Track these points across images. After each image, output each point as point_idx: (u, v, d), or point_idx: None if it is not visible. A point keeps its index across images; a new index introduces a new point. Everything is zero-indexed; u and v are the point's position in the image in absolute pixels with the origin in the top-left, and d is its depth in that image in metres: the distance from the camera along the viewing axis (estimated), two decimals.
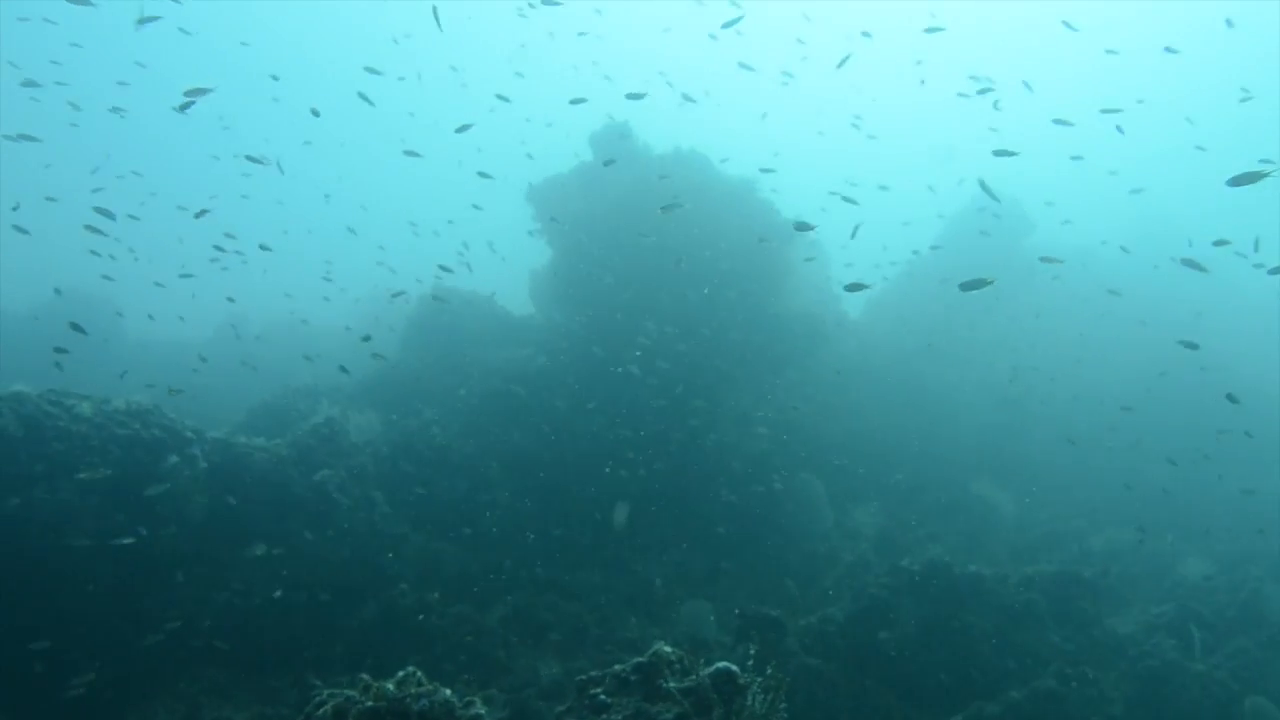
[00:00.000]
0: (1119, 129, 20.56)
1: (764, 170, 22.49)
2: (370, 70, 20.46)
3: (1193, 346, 15.02)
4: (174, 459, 12.85)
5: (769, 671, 7.80)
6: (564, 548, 17.59)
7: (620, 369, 19.10)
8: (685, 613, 15.91)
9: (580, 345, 20.30)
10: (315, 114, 18.52)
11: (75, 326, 14.55)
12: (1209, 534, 22.18)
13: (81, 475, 11.66)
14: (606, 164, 16.47)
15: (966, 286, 11.98)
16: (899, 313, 30.19)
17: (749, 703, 7.44)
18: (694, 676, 7.74)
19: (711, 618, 15.67)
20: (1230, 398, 15.30)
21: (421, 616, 14.16)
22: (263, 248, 18.74)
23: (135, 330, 42.37)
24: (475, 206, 25.09)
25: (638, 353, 18.29)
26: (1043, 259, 16.97)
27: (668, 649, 8.09)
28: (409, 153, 18.45)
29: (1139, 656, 15.08)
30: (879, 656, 14.28)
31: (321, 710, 6.85)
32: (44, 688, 11.23)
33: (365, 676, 7.11)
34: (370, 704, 6.69)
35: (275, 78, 37.76)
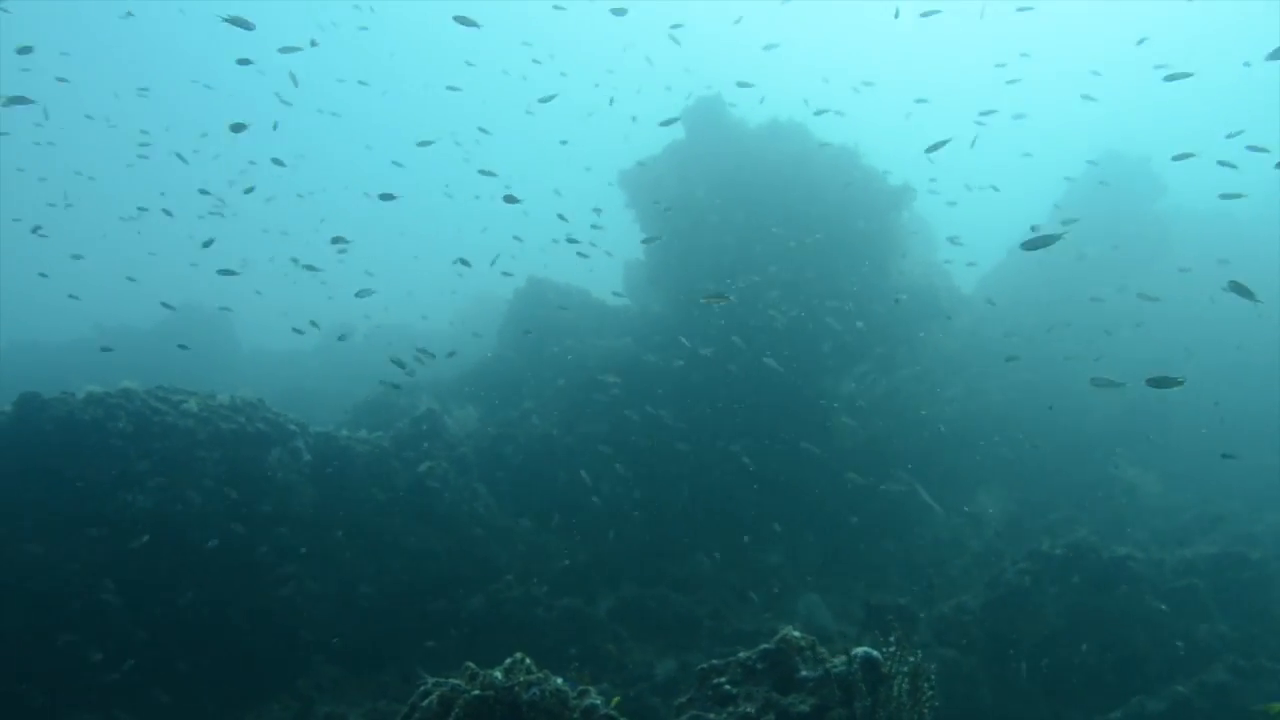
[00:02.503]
0: None
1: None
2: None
3: None
4: (278, 451, 12.74)
5: (914, 658, 6.93)
6: (672, 539, 16.90)
7: (721, 365, 18.31)
8: (801, 605, 15.01)
9: (678, 336, 19.55)
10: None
11: (182, 346, 14.56)
12: None
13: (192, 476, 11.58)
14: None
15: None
16: (1015, 288, 28.36)
17: (894, 692, 6.59)
18: (830, 664, 6.94)
19: (826, 609, 14.74)
20: None
21: (530, 609, 13.70)
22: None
23: (249, 341, 44.00)
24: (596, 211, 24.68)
25: (738, 342, 17.41)
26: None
27: (796, 634, 7.33)
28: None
29: None
30: (1022, 647, 13.08)
31: (427, 701, 6.35)
32: (156, 688, 11.21)
33: (471, 665, 6.57)
34: (477, 693, 6.14)
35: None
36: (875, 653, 6.80)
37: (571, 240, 16.62)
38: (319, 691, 12.03)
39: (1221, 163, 18.21)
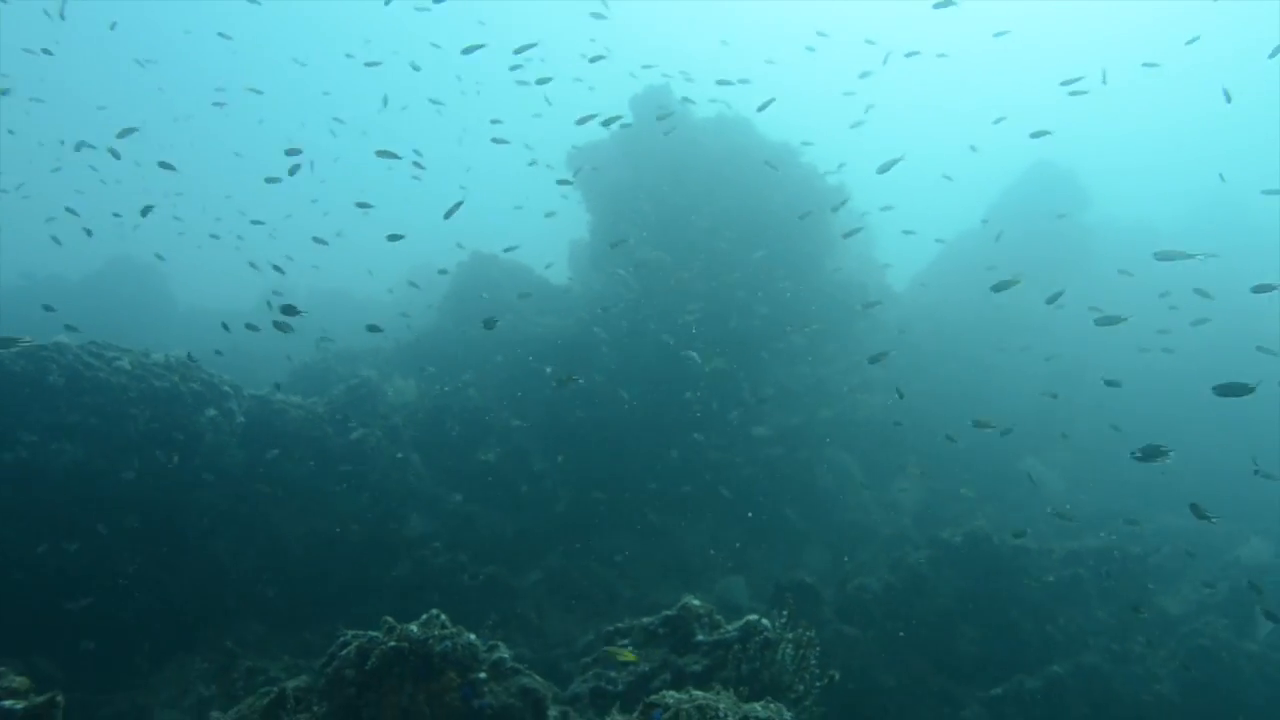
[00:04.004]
0: None
1: (805, 143, 22.15)
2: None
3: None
4: (211, 412, 12.94)
5: (801, 630, 7.60)
6: (600, 514, 17.46)
7: (660, 338, 18.87)
8: (720, 582, 15.73)
9: (617, 315, 20.07)
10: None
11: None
12: (1273, 518, 21.39)
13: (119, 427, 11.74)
14: (661, 117, 15.85)
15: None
16: (944, 287, 29.46)
17: (779, 656, 7.24)
18: (724, 630, 7.57)
19: (744, 586, 15.47)
20: None
21: (455, 576, 14.15)
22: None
23: (185, 299, 43.25)
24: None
25: (688, 321, 18.01)
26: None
27: (696, 602, 7.94)
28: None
29: (1189, 635, 14.56)
30: (917, 626, 13.97)
31: (346, 651, 6.82)
32: (82, 637, 11.41)
33: (389, 619, 7.05)
34: (394, 644, 6.63)
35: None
36: (765, 622, 7.43)
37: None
38: (243, 647, 12.32)
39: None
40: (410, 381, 19.90)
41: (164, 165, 11.67)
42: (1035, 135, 17.11)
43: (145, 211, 12.81)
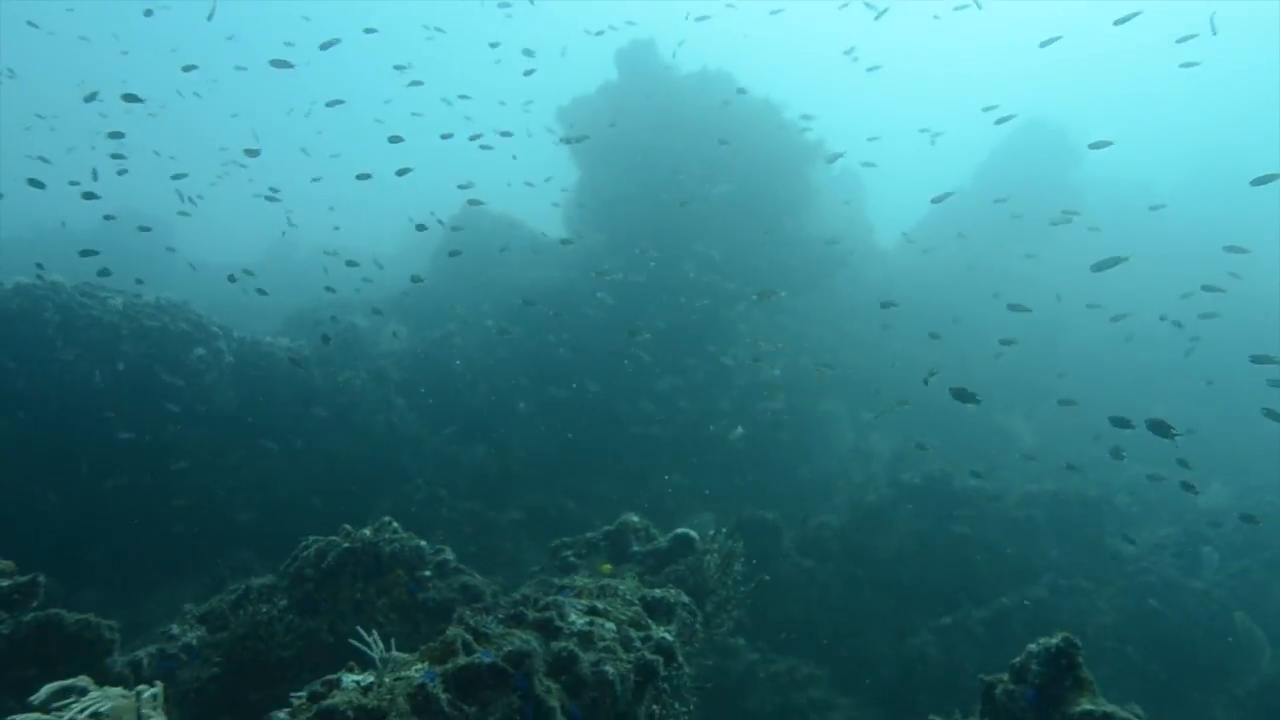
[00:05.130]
0: None
1: (805, 117, 22.35)
2: None
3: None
4: (200, 351, 13.59)
5: (730, 543, 8.23)
6: (580, 459, 18.11)
7: (636, 278, 19.39)
8: (691, 520, 16.40)
9: (601, 265, 20.58)
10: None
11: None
12: (1236, 466, 22.00)
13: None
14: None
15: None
16: (930, 244, 29.82)
17: (705, 564, 7.90)
18: (658, 541, 8.22)
19: (712, 524, 16.13)
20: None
21: (435, 510, 14.85)
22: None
23: (187, 254, 43.90)
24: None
25: (651, 263, 18.54)
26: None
27: (634, 518, 8.59)
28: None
29: (1137, 573, 15.22)
30: (874, 561, 14.67)
31: (307, 551, 7.50)
32: (82, 563, 12.17)
33: (347, 526, 7.74)
34: (348, 545, 7.28)
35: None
36: (692, 533, 8.09)
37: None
38: (232, 571, 13.10)
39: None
40: (403, 329, 20.55)
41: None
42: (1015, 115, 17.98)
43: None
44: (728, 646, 12.40)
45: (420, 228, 16.49)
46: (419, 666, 4.17)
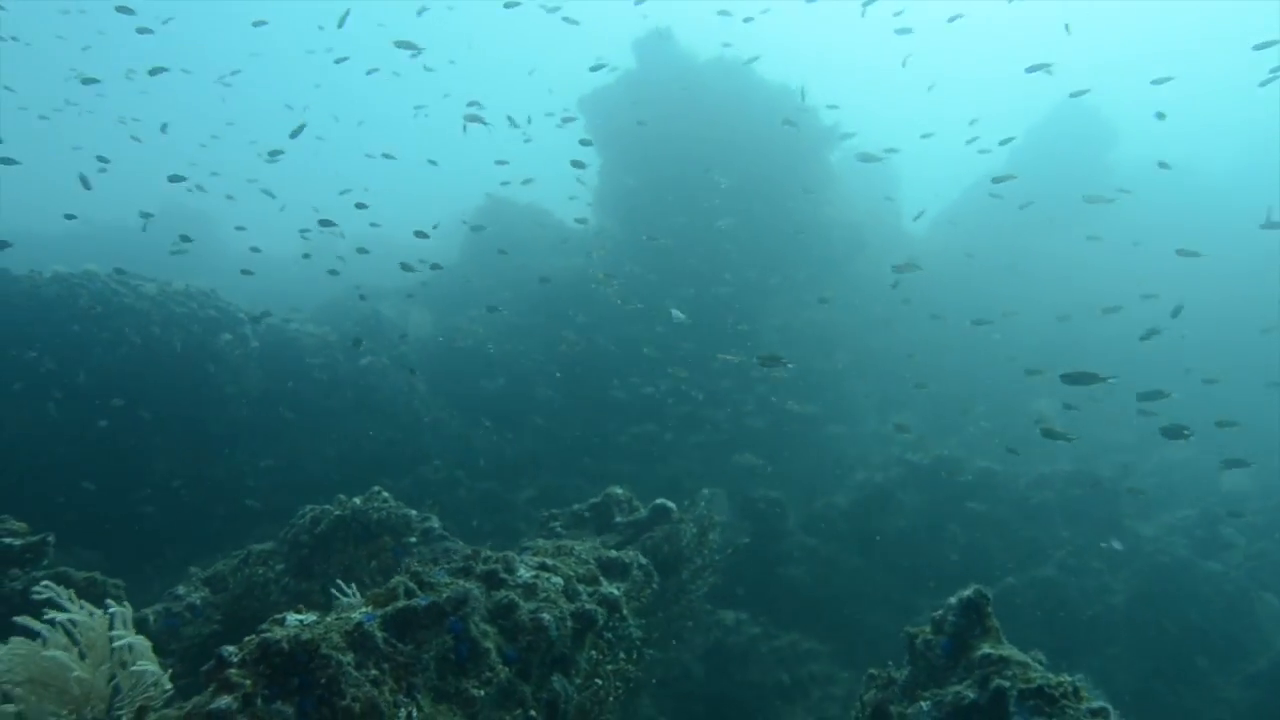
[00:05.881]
0: None
1: (830, 106, 22.39)
2: None
3: None
4: (227, 336, 14.23)
5: (706, 514, 8.54)
6: (599, 443, 18.50)
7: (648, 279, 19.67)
8: (701, 498, 16.68)
9: (622, 254, 20.94)
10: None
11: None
12: (1265, 449, 21.61)
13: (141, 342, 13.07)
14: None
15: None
16: (961, 228, 29.62)
17: (681, 533, 8.22)
18: (639, 513, 8.56)
19: (726, 504, 16.40)
20: None
21: (453, 490, 15.36)
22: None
23: (237, 247, 45.21)
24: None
25: (668, 246, 18.82)
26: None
27: (619, 490, 8.94)
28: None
29: (1153, 553, 15.16)
30: (880, 541, 14.82)
31: (303, 519, 7.98)
32: (122, 539, 12.86)
33: (341, 496, 8.21)
34: (339, 512, 7.74)
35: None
36: (670, 504, 8.41)
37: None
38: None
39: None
40: (427, 316, 21.14)
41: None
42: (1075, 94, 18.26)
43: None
44: (729, 621, 12.73)
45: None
46: (364, 610, 4.56)
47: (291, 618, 4.33)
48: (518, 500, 15.98)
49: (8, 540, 6.39)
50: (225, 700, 3.77)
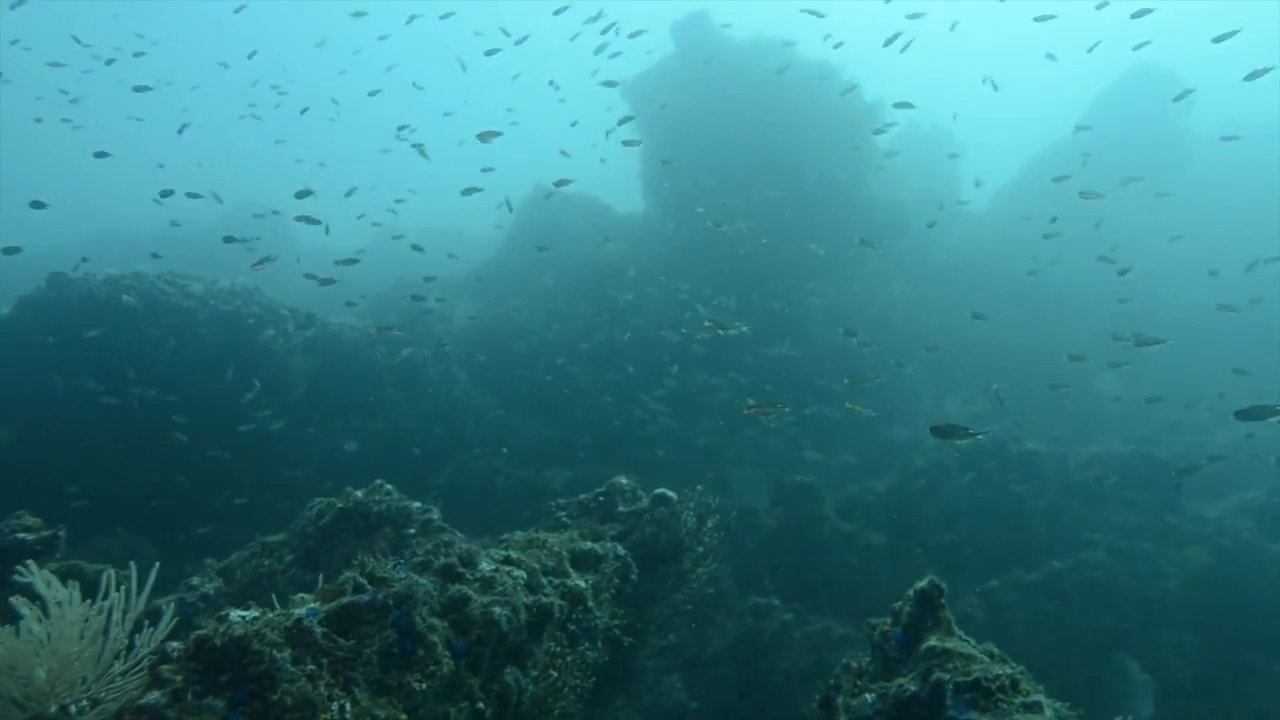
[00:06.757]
0: None
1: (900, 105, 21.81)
2: None
3: None
4: (270, 333, 14.70)
5: (706, 502, 8.51)
6: (636, 428, 18.52)
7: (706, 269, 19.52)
8: (739, 480, 16.64)
9: (665, 238, 20.87)
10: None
11: (229, 239, 15.88)
12: None
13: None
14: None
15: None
16: (1025, 201, 28.56)
17: (682, 520, 8.21)
18: (640, 502, 8.57)
19: (764, 488, 16.28)
20: None
21: (491, 478, 15.60)
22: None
23: (307, 241, 46.62)
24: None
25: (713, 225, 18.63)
26: None
27: (623, 480, 8.97)
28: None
29: (1213, 535, 14.52)
30: (920, 525, 14.52)
31: (310, 512, 8.23)
32: (173, 529, 13.45)
33: (349, 488, 8.43)
34: (342, 505, 7.96)
35: None
36: (670, 493, 8.39)
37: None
38: None
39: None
40: (472, 306, 21.47)
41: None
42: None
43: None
44: (761, 606, 12.64)
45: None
46: (310, 605, 4.68)
47: (235, 614, 4.47)
48: (555, 487, 16.14)
49: (21, 535, 6.75)
50: (154, 696, 3.92)
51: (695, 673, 12.17)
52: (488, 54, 18.73)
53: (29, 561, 5.17)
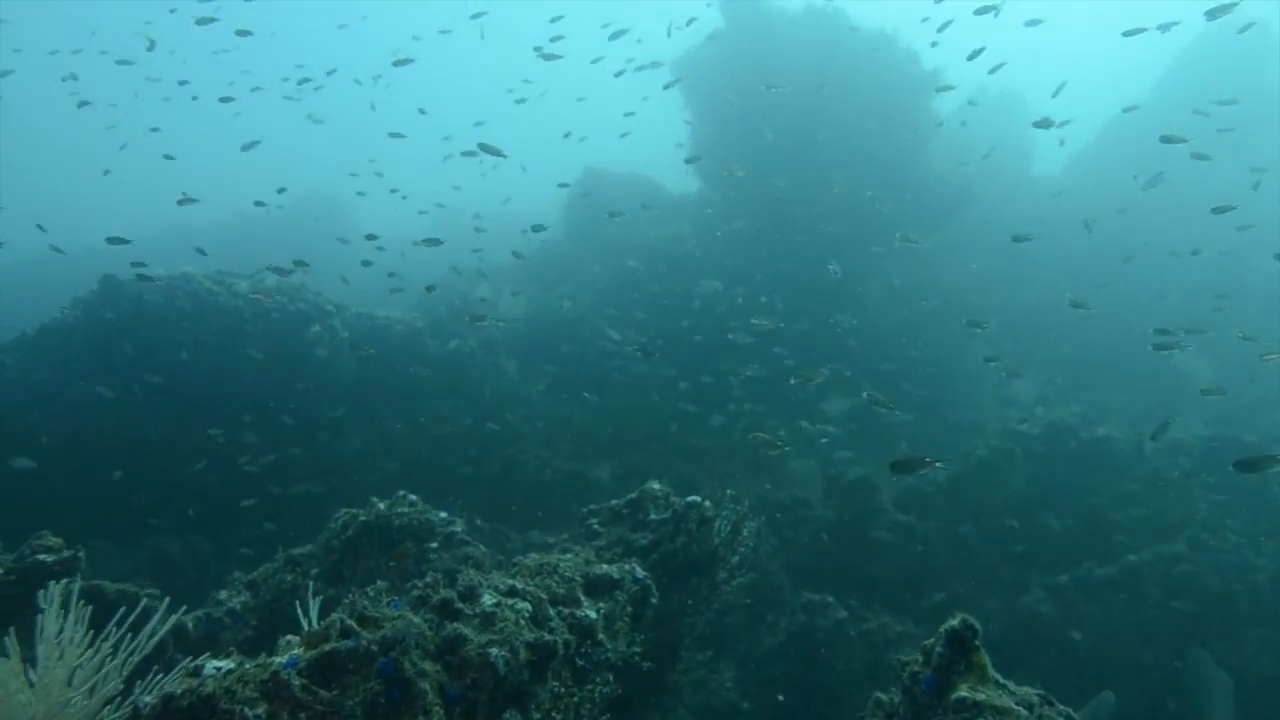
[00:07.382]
0: None
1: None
2: None
3: None
4: (316, 328, 14.71)
5: (741, 509, 8.12)
6: (692, 417, 18.08)
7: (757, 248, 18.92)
8: (794, 471, 16.13)
9: (718, 219, 20.31)
10: None
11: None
12: None
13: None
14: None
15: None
16: (1099, 167, 27.05)
17: (713, 530, 7.83)
18: (671, 510, 8.21)
19: (819, 477, 15.75)
20: None
21: (540, 472, 15.42)
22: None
23: (368, 224, 47.16)
24: None
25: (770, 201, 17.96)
26: None
27: (655, 486, 8.61)
28: None
29: None
30: (983, 516, 13.84)
31: (335, 524, 8.08)
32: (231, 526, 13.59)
33: (374, 499, 8.25)
34: (364, 517, 7.78)
35: None
36: (702, 501, 8.00)
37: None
38: None
39: None
40: (523, 295, 21.26)
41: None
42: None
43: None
44: (814, 603, 12.17)
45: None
46: (295, 652, 4.44)
47: (209, 665, 4.25)
48: (603, 478, 15.88)
49: (41, 556, 6.71)
50: None
51: (746, 671, 11.82)
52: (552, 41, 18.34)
53: (52, 585, 5.00)
